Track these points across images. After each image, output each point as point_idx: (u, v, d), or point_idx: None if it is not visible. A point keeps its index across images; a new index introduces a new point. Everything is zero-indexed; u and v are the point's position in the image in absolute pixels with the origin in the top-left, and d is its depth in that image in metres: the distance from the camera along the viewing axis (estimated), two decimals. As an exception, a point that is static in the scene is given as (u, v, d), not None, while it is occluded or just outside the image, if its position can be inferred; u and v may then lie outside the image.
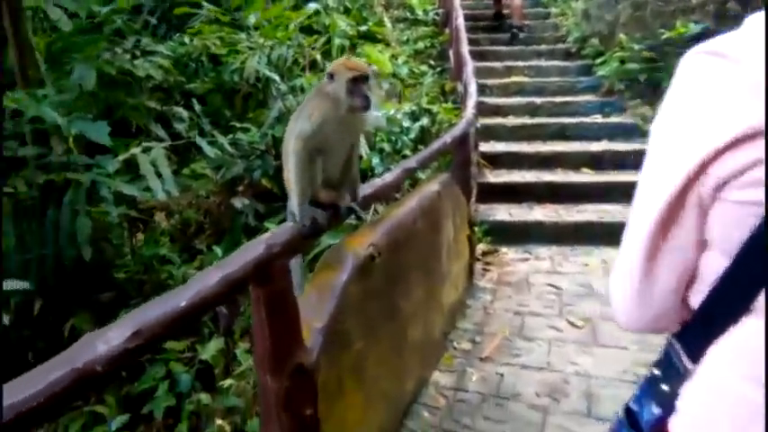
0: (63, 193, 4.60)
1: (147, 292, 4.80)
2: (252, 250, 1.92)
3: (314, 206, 2.30)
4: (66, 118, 3.94)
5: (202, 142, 4.86)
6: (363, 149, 6.01)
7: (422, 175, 6.38)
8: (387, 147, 6.24)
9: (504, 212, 6.42)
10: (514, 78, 9.19)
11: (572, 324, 4.35)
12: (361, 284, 2.59)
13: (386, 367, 2.93)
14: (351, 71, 2.15)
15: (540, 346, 4.11)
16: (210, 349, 4.15)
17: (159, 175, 4.71)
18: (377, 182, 2.93)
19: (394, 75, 8.27)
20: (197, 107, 5.77)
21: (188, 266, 4.92)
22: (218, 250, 4.68)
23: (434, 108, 6.91)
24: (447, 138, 4.28)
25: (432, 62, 9.86)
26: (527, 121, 8.01)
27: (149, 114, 5.47)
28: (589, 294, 4.82)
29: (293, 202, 2.27)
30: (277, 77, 5.85)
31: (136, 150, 4.94)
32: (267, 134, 5.67)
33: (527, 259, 5.80)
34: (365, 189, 2.70)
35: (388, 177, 3.07)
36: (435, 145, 4.09)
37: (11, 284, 2.99)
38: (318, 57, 6.82)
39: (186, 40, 6.75)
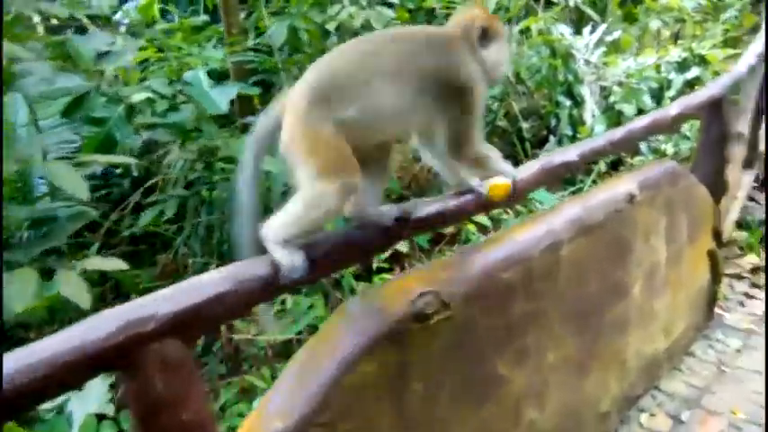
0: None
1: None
2: (103, 326, 1.22)
3: None
4: (212, 82, 3.69)
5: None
6: (588, 112, 4.62)
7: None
8: (628, 109, 4.70)
9: (804, 210, 4.34)
10: None
11: None
12: (389, 359, 1.67)
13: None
14: None
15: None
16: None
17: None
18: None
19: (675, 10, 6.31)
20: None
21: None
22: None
23: (716, 54, 4.94)
24: (671, 109, 2.82)
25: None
26: None
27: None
28: None
29: None
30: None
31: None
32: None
33: (827, 288, 3.81)
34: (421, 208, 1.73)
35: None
36: (641, 122, 2.70)
37: (108, 264, 2.91)
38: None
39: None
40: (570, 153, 2.30)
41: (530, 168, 2.15)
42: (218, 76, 5.21)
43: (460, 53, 1.61)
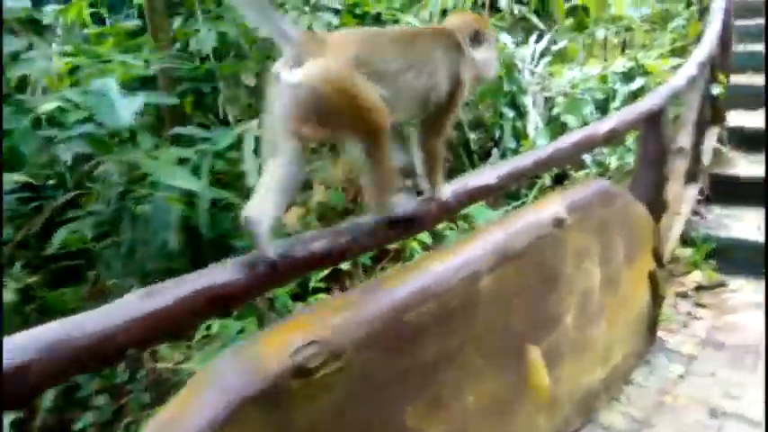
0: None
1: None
2: None
3: None
4: (127, 93, 3.41)
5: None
6: (531, 124, 4.48)
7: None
8: (572, 120, 4.57)
9: (749, 225, 4.25)
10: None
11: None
12: (264, 424, 1.43)
13: None
14: None
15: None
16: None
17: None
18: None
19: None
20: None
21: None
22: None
23: (657, 65, 4.87)
24: (603, 125, 2.65)
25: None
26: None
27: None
28: None
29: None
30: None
31: (253, 123, 4.35)
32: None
33: (772, 306, 3.71)
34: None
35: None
36: (570, 139, 2.53)
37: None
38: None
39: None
40: (487, 176, 2.10)
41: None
42: (149, 85, 4.91)
43: (462, 52, 1.75)
